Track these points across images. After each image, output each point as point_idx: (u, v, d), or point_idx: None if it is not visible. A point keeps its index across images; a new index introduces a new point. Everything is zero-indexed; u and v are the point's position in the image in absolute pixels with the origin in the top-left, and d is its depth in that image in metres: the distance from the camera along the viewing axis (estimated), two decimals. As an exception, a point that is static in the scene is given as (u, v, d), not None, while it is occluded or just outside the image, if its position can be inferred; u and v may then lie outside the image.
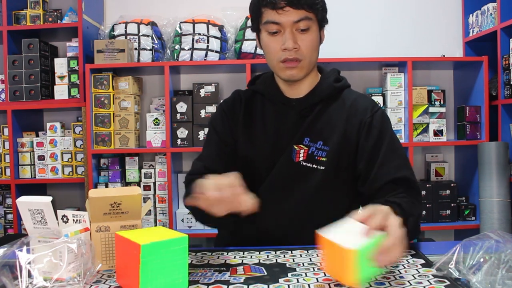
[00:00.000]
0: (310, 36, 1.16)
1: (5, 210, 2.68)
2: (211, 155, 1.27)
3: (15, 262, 0.79)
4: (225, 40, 2.60)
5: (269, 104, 1.26)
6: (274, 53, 1.17)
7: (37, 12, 2.61)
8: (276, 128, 1.23)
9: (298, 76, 1.18)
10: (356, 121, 1.20)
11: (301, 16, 1.12)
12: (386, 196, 1.09)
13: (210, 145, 1.29)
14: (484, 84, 2.49)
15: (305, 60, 1.16)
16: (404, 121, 2.51)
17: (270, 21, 1.14)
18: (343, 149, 1.19)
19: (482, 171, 2.38)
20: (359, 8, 2.76)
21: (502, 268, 0.75)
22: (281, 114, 1.23)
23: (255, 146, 1.23)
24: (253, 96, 1.29)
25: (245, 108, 1.28)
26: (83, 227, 0.95)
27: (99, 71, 2.56)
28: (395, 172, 1.13)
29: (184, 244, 0.82)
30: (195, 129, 2.54)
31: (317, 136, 1.19)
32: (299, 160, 1.19)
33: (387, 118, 1.25)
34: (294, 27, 1.14)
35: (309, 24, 1.14)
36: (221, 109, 1.31)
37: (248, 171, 1.23)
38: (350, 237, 0.79)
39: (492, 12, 2.47)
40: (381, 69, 2.71)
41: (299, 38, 1.14)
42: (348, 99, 1.24)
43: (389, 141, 1.18)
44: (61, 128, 2.66)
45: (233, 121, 1.27)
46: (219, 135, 1.27)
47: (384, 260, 0.78)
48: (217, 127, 1.29)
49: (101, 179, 2.61)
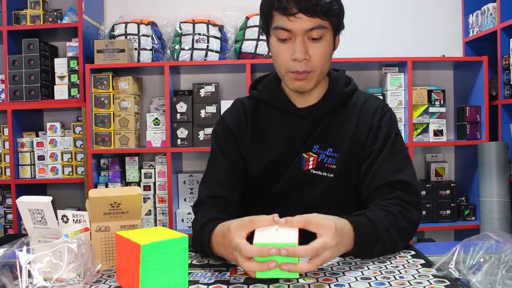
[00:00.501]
0: (322, 45, 1.07)
1: (5, 210, 2.68)
2: (218, 180, 1.18)
3: (15, 262, 0.79)
4: (225, 40, 2.60)
5: (276, 113, 1.19)
6: (283, 62, 1.09)
7: (37, 12, 2.61)
8: (285, 137, 1.17)
9: (306, 88, 1.12)
10: (365, 125, 1.16)
11: (314, 24, 1.03)
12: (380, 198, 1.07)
13: (215, 167, 1.20)
14: (484, 84, 2.49)
15: (315, 72, 1.09)
16: (404, 121, 2.51)
17: (280, 27, 1.05)
18: (352, 154, 1.15)
19: (482, 171, 2.38)
20: (359, 8, 2.77)
21: (502, 268, 0.75)
22: (289, 123, 1.18)
23: (265, 159, 1.18)
24: (257, 105, 1.22)
25: (251, 120, 1.20)
26: (83, 227, 0.95)
27: (99, 71, 2.56)
28: (393, 174, 1.10)
29: (184, 244, 0.82)
30: (195, 129, 2.54)
31: (327, 143, 1.15)
32: (309, 168, 1.15)
33: (395, 120, 1.20)
34: (306, 35, 1.05)
35: (322, 33, 1.05)
36: (224, 125, 1.22)
37: (258, 182, 1.20)
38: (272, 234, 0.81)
39: (492, 12, 2.47)
40: (381, 69, 2.71)
41: (310, 47, 1.06)
42: (358, 102, 1.18)
43: (392, 142, 1.14)
44: (61, 128, 2.66)
45: (238, 137, 1.20)
46: (225, 156, 1.19)
47: (290, 267, 0.77)
48: (221, 146, 1.20)
49: (101, 179, 2.61)
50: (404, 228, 1.02)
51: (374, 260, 0.96)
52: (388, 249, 0.99)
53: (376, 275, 0.87)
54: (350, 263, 0.95)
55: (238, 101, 1.26)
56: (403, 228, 1.02)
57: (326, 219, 0.86)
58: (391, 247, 0.99)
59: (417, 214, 1.08)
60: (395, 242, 0.99)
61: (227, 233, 0.87)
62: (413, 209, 1.07)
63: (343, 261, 0.96)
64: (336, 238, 0.83)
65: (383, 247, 0.96)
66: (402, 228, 1.02)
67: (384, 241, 0.96)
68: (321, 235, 0.82)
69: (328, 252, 0.82)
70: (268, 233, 0.82)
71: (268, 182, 1.19)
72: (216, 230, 0.94)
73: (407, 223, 1.03)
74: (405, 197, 1.07)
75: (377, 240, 0.95)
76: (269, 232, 0.82)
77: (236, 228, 0.85)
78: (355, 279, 0.85)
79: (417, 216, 1.08)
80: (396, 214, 1.02)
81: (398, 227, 1.00)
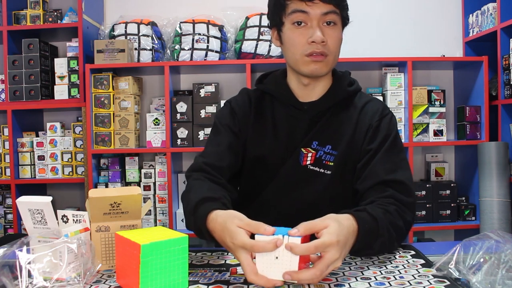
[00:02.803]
0: (336, 31, 1.14)
1: (5, 210, 2.68)
2: (218, 151, 1.20)
3: (15, 262, 0.79)
4: (225, 40, 2.60)
5: (279, 105, 1.23)
6: (299, 46, 1.13)
7: (37, 12, 2.61)
8: (286, 131, 1.20)
9: (322, 71, 1.15)
10: (364, 125, 1.18)
11: (329, 9, 1.10)
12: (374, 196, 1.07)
13: (216, 141, 1.22)
14: (484, 84, 2.49)
15: (331, 55, 1.13)
16: (404, 121, 2.51)
17: (298, 10, 1.11)
18: (350, 154, 1.17)
19: (482, 171, 2.38)
20: (359, 8, 2.76)
21: (502, 268, 0.75)
22: (291, 117, 1.21)
23: (263, 148, 1.21)
24: (262, 96, 1.26)
25: (255, 108, 1.24)
26: (83, 227, 0.95)
27: (99, 71, 2.56)
28: (388, 173, 1.10)
29: (184, 244, 0.82)
30: (195, 129, 2.54)
31: (326, 140, 1.17)
32: (306, 164, 1.17)
33: (395, 122, 1.21)
34: (321, 20, 1.11)
35: (336, 18, 1.12)
36: (230, 106, 1.26)
37: (255, 172, 1.22)
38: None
39: (492, 12, 2.47)
40: (381, 69, 2.71)
41: (326, 33, 1.11)
42: (360, 103, 1.21)
43: (390, 143, 1.15)
44: (61, 128, 2.66)
45: (243, 120, 1.23)
46: (229, 131, 1.22)
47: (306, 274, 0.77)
48: (226, 123, 1.23)
49: (101, 179, 2.61)
50: (400, 227, 1.02)
51: (374, 260, 0.96)
52: (386, 246, 0.99)
53: (376, 275, 0.87)
54: (350, 263, 0.95)
55: (245, 90, 1.30)
56: (400, 228, 1.02)
57: (328, 218, 0.84)
58: (389, 245, 0.99)
59: (411, 215, 1.08)
60: (392, 240, 0.99)
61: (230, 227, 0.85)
62: (407, 209, 1.06)
63: (343, 261, 0.96)
64: (338, 235, 0.81)
65: (382, 244, 0.96)
66: (399, 227, 1.02)
67: (383, 238, 0.96)
68: (322, 235, 0.81)
69: (331, 253, 0.79)
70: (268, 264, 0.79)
71: (265, 175, 1.20)
72: (213, 215, 0.94)
73: (402, 223, 1.03)
74: (400, 197, 1.06)
75: (377, 237, 0.94)
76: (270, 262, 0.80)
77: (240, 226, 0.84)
78: (355, 279, 0.85)
79: (411, 217, 1.08)
80: (393, 213, 1.02)
81: (396, 226, 1.01)
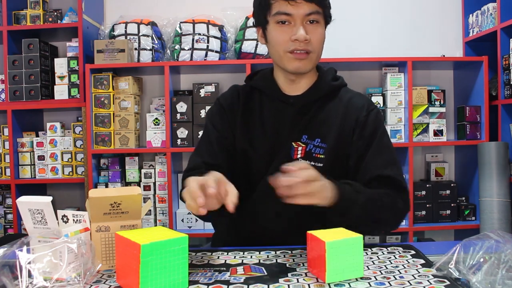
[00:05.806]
0: (319, 29, 1.17)
1: (5, 210, 2.68)
2: (210, 150, 1.25)
3: (15, 262, 0.79)
4: (225, 40, 2.60)
5: (267, 100, 1.26)
6: (282, 43, 1.16)
7: (37, 12, 2.61)
8: (274, 124, 1.23)
9: (305, 68, 1.19)
10: (352, 119, 1.21)
11: (312, 9, 1.14)
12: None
13: (208, 140, 1.27)
14: (484, 84, 2.49)
15: (314, 53, 1.17)
16: (404, 121, 2.51)
17: (282, 12, 1.14)
18: (340, 146, 1.20)
19: (482, 171, 2.38)
20: (359, 8, 2.76)
21: (502, 268, 0.75)
22: (279, 111, 1.24)
23: (253, 142, 1.23)
24: (251, 92, 1.29)
25: (243, 103, 1.27)
26: (83, 227, 0.95)
27: (99, 71, 2.56)
28: (380, 170, 1.15)
29: (184, 244, 0.82)
30: (195, 129, 2.54)
31: (315, 133, 1.20)
32: (297, 157, 1.20)
33: (381, 118, 1.26)
34: (304, 20, 1.14)
35: (318, 18, 1.16)
36: (218, 104, 1.30)
37: (246, 168, 1.24)
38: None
39: (492, 12, 2.47)
40: (381, 69, 2.71)
41: (309, 31, 1.15)
42: (345, 97, 1.25)
43: (379, 140, 1.19)
44: (61, 128, 2.66)
45: (231, 116, 1.27)
46: (218, 130, 1.27)
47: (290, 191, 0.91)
48: (215, 122, 1.28)
49: (101, 179, 2.61)
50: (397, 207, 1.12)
51: (374, 260, 0.96)
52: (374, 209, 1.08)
53: (376, 275, 0.87)
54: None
55: (234, 86, 1.35)
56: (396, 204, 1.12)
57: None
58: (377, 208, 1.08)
59: (402, 203, 1.15)
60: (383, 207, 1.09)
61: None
62: (400, 199, 1.14)
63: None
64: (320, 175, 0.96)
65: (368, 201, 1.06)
66: (395, 202, 1.11)
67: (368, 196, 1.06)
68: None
69: (314, 173, 0.95)
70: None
71: (256, 170, 1.22)
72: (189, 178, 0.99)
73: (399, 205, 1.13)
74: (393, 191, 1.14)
75: (360, 192, 1.05)
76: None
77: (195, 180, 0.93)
78: (355, 279, 0.85)
79: (402, 204, 1.15)
80: (391, 194, 1.11)
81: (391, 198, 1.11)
